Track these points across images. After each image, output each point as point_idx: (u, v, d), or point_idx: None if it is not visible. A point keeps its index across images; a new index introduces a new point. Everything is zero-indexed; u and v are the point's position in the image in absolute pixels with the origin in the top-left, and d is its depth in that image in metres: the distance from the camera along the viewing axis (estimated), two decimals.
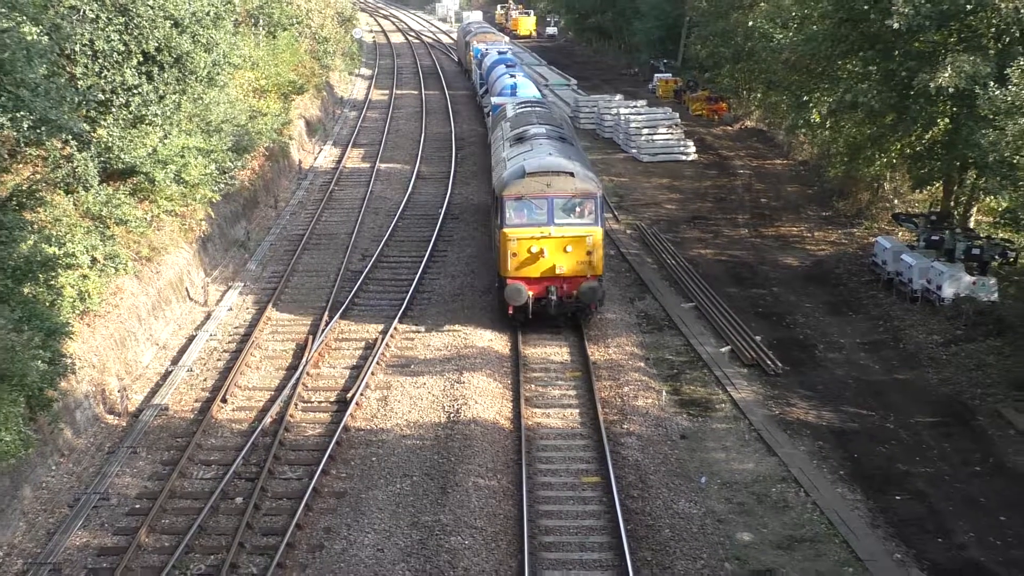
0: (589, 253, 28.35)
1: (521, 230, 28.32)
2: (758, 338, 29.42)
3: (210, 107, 33.73)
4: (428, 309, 31.72)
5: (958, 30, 32.57)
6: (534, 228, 28.32)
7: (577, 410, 25.27)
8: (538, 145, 32.25)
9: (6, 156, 25.26)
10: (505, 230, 28.39)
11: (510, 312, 28.66)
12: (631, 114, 56.53)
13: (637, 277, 34.97)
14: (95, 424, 24.16)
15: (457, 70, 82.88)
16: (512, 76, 54.30)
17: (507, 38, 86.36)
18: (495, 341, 28.88)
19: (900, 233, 36.46)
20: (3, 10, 17.04)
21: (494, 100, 50.20)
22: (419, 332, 29.93)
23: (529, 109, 39.70)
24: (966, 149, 31.31)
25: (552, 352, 28.68)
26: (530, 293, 28.06)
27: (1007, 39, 31.32)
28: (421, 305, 32.01)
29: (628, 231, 40.02)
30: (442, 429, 24.24)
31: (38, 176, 25.00)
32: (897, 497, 21.70)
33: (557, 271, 28.26)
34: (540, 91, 57.76)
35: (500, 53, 64.12)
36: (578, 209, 28.71)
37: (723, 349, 29.13)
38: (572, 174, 28.85)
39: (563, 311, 28.93)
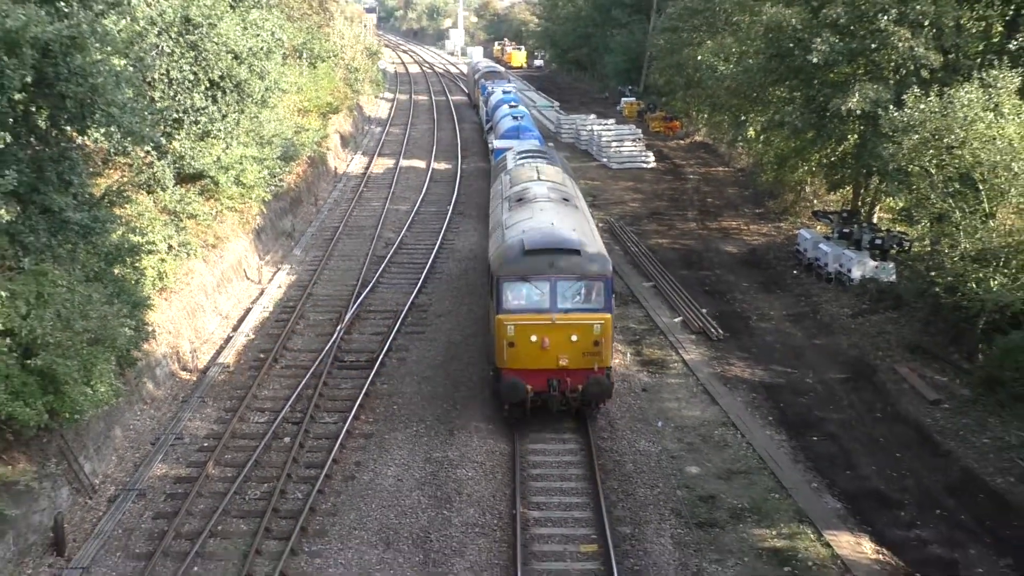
0: (597, 343, 20.63)
1: (520, 316, 20.65)
2: (704, 310, 29.48)
3: (263, 124, 33.68)
4: (439, 287, 31.72)
5: (865, 64, 32.56)
6: (534, 314, 20.62)
7: None
8: (539, 211, 23.91)
9: (100, 163, 25.25)
10: (501, 316, 20.72)
11: (505, 409, 21.56)
12: (603, 130, 56.35)
13: None
14: (171, 379, 24.22)
15: (465, 100, 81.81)
16: (515, 119, 46.19)
17: (504, 69, 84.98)
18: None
19: (818, 226, 36.50)
20: (98, 45, 17.01)
21: (496, 144, 42.47)
22: (431, 305, 29.93)
23: (531, 162, 30.78)
24: (871, 160, 31.33)
25: None
26: (529, 387, 20.72)
27: (903, 72, 31.33)
28: (433, 283, 32.00)
29: (600, 224, 39.90)
30: (449, 382, 24.31)
31: (125, 179, 24.94)
32: (814, 438, 21.82)
33: (560, 363, 20.64)
34: (529, 110, 55.81)
35: (505, 92, 56.49)
36: (585, 292, 20.81)
37: (676, 319, 29.19)
38: (578, 251, 21.00)
39: (566, 407, 21.48)
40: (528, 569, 16.60)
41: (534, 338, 20.59)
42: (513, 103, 51.61)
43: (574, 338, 20.62)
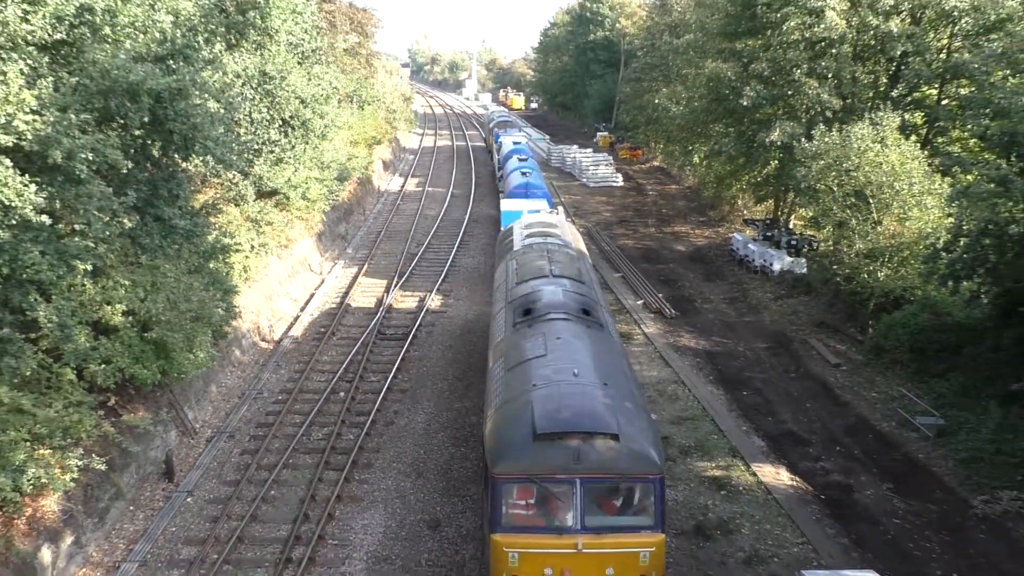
0: None
1: (527, 538, 10.65)
2: (660, 295, 29.48)
3: (323, 153, 33.60)
4: (458, 277, 31.69)
5: (783, 106, 32.57)
6: (550, 535, 10.65)
7: None
8: (554, 341, 13.59)
9: (199, 183, 25.24)
10: (499, 537, 10.72)
11: None
12: (583, 157, 56.23)
13: None
14: (253, 348, 24.25)
15: (477, 134, 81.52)
16: (523, 174, 37.58)
17: (508, 110, 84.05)
18: None
19: (748, 231, 36.43)
20: (197, 93, 17.03)
21: (504, 205, 33.46)
22: (451, 291, 29.93)
23: (541, 244, 20.69)
24: (788, 180, 31.38)
25: None
26: None
27: (812, 112, 31.36)
28: (453, 275, 31.97)
29: (580, 230, 39.90)
30: (466, 350, 24.32)
31: (218, 195, 24.95)
32: (744, 393, 21.86)
33: None
34: (527, 142, 54.17)
35: (515, 143, 47.96)
36: (625, 499, 10.91)
37: (638, 302, 29.20)
38: (616, 436, 10.78)
39: None
40: None
41: (549, 572, 10.60)
42: (523, 156, 42.62)
43: (610, 572, 10.61)
